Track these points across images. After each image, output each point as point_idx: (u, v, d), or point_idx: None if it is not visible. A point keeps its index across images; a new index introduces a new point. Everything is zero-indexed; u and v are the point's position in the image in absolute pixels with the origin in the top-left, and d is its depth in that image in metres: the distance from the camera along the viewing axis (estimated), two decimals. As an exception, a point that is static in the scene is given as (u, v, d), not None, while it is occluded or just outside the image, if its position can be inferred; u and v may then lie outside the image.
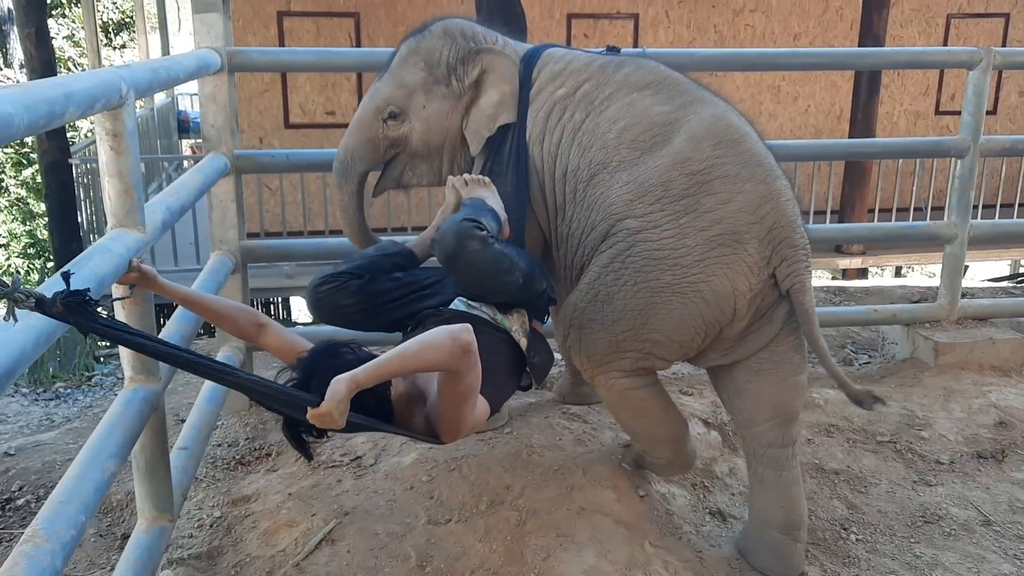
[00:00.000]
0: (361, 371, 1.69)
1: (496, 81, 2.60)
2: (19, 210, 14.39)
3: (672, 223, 2.31)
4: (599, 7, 9.19)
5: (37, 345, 1.37)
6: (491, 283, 2.16)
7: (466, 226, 2.11)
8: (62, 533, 1.44)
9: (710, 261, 2.28)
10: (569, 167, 2.49)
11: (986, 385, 3.57)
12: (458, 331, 1.74)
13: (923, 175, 8.22)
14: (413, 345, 1.74)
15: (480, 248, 2.09)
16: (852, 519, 2.83)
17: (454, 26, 2.67)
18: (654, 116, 2.42)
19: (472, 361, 1.76)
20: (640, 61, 2.63)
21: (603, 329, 2.41)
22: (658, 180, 2.34)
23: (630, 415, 2.58)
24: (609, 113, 2.47)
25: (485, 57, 2.61)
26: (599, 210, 2.42)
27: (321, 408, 1.64)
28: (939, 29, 9.82)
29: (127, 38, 17.20)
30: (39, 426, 3.73)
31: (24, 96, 1.36)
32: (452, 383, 1.81)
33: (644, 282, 2.33)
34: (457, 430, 1.94)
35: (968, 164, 3.71)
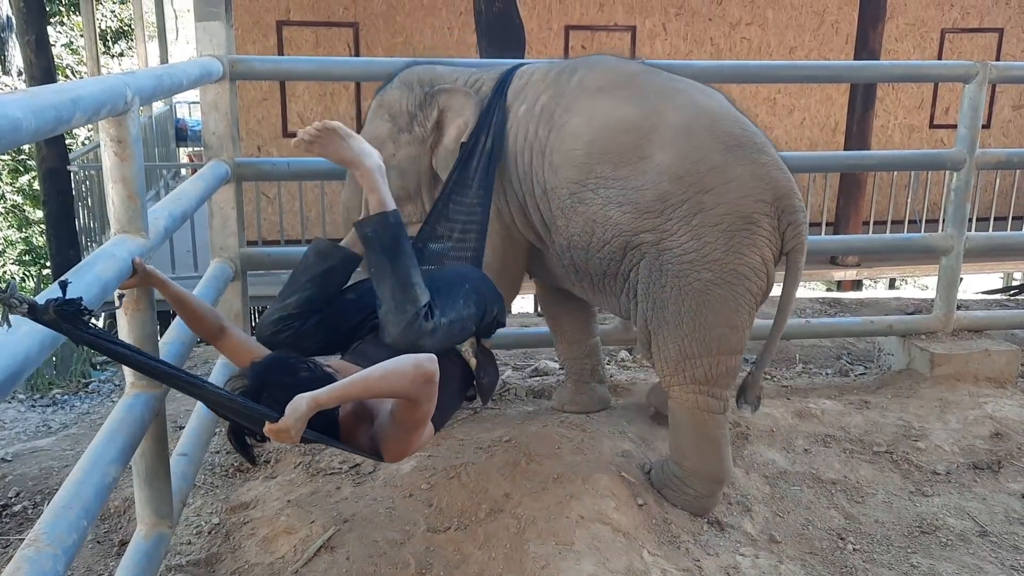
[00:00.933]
0: (324, 392, 1.72)
1: (453, 117, 2.72)
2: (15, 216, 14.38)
3: (685, 228, 2.42)
4: (597, 19, 9.24)
5: (42, 349, 1.38)
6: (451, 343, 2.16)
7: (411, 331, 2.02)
8: (64, 538, 1.44)
9: (735, 245, 2.43)
10: (548, 185, 2.59)
11: (982, 396, 3.58)
12: (423, 360, 1.78)
13: (917, 188, 8.27)
14: (377, 371, 1.77)
15: (432, 341, 2.03)
16: (849, 529, 2.84)
17: (411, 75, 2.83)
18: (617, 124, 2.48)
19: (433, 391, 1.81)
20: (592, 61, 2.71)
21: (670, 334, 2.54)
22: (653, 196, 2.43)
23: (691, 438, 2.66)
24: (571, 128, 2.54)
25: (440, 98, 2.74)
26: (604, 227, 2.51)
27: (279, 424, 1.67)
28: (933, 43, 9.90)
29: (125, 46, 17.22)
30: (36, 432, 3.73)
31: (32, 101, 1.37)
32: (410, 410, 1.84)
33: (687, 285, 2.46)
34: (403, 452, 1.97)
35: (964, 177, 3.74)
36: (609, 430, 3.02)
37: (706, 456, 2.66)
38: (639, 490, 2.73)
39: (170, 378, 1.75)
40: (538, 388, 3.57)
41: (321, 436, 1.84)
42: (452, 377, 2.13)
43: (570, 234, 2.58)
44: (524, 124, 2.63)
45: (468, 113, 2.68)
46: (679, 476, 2.72)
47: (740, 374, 2.77)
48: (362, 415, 1.98)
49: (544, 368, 3.87)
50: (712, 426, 2.63)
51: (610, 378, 3.68)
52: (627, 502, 2.65)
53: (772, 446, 3.19)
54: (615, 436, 2.99)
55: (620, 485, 2.70)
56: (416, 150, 2.78)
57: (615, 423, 3.10)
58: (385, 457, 1.96)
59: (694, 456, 2.67)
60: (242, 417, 1.79)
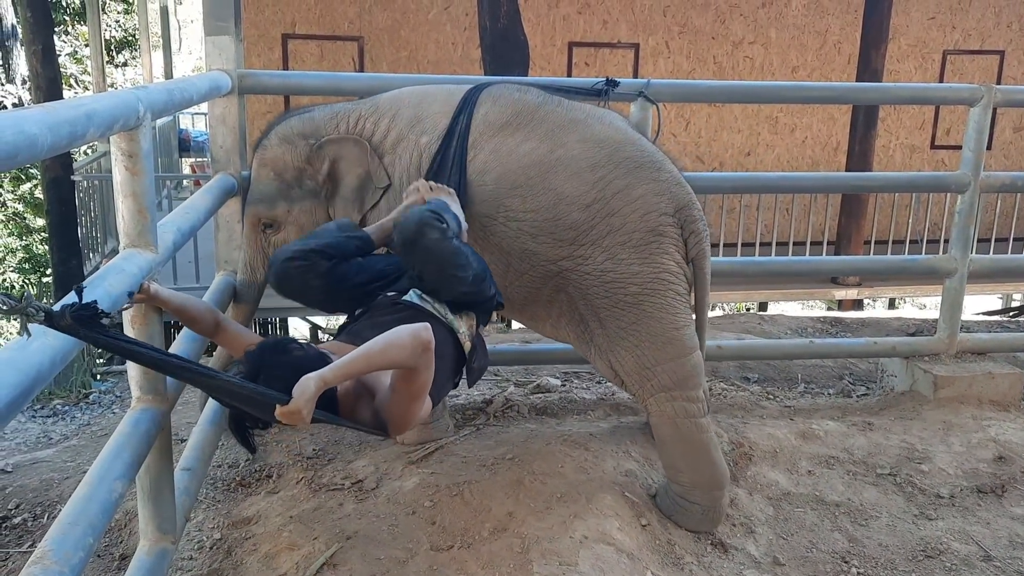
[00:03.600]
0: (328, 370, 1.76)
1: (349, 167, 2.73)
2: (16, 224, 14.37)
3: (599, 250, 2.57)
4: (600, 36, 9.28)
5: (53, 365, 1.37)
6: (445, 275, 2.21)
7: (429, 216, 2.19)
8: (71, 555, 1.43)
9: (648, 256, 2.58)
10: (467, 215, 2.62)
11: (985, 419, 3.57)
12: (419, 329, 1.84)
13: (919, 208, 8.28)
14: (377, 344, 1.82)
15: (439, 238, 2.17)
16: (853, 552, 2.83)
17: (290, 129, 2.78)
18: (524, 159, 2.58)
19: (430, 359, 1.86)
20: (496, 93, 2.73)
21: (622, 348, 2.66)
22: (566, 226, 2.57)
23: (680, 449, 2.70)
24: (478, 164, 2.61)
25: (328, 149, 2.73)
26: (520, 258, 2.63)
27: (290, 405, 1.70)
28: (935, 65, 9.94)
29: (129, 56, 17.28)
30: (37, 443, 3.71)
31: (48, 117, 1.37)
32: (409, 379, 1.88)
33: (620, 301, 2.60)
34: (406, 424, 2.00)
35: (968, 200, 3.74)
36: (612, 449, 3.01)
37: (699, 464, 2.69)
38: (643, 510, 2.72)
39: (181, 370, 1.77)
40: (540, 405, 3.56)
41: (328, 415, 1.88)
42: (444, 352, 2.14)
43: (493, 262, 2.65)
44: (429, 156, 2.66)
45: (363, 163, 2.71)
46: (681, 494, 2.73)
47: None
48: (361, 392, 2.02)
49: (546, 385, 3.87)
50: (696, 431, 2.68)
51: (611, 396, 3.68)
52: (631, 522, 2.64)
53: (775, 467, 3.18)
54: (618, 455, 2.98)
55: (624, 505, 2.69)
56: (310, 204, 2.78)
57: (618, 442, 3.09)
58: (390, 430, 2.00)
59: (688, 468, 2.70)
60: (252, 405, 1.81)
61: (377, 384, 2.02)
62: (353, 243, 2.39)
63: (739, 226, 7.75)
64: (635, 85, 3.23)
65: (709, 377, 4.27)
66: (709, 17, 9.43)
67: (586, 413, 3.51)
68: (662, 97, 3.26)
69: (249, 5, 8.53)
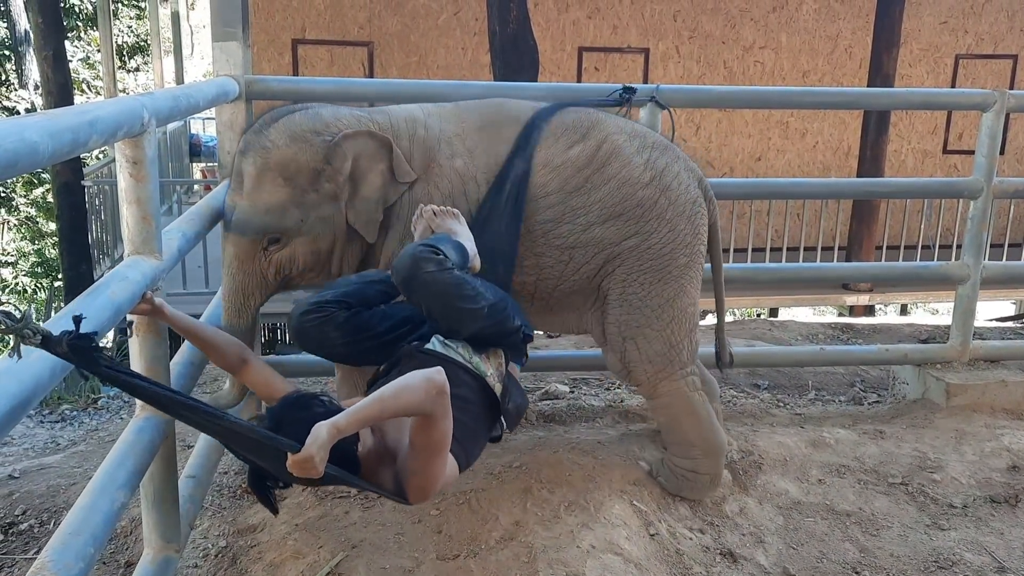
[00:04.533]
0: (342, 417, 1.68)
1: (371, 164, 2.48)
2: (28, 229, 14.47)
3: (663, 223, 2.67)
4: (610, 41, 9.27)
5: (53, 375, 1.36)
6: (453, 310, 2.09)
7: (422, 250, 2.08)
8: (71, 566, 1.42)
9: (696, 228, 2.73)
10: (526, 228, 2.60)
11: (998, 428, 3.53)
12: (431, 373, 1.74)
13: (931, 213, 8.23)
14: (389, 389, 1.74)
15: (436, 271, 2.05)
16: (864, 562, 2.79)
17: (299, 126, 2.46)
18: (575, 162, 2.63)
19: (446, 404, 1.76)
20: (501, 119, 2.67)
21: (653, 330, 2.70)
22: (633, 204, 2.64)
23: (691, 422, 2.80)
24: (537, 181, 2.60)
25: (347, 145, 2.46)
26: (585, 249, 2.65)
27: (302, 454, 1.62)
28: (947, 69, 9.89)
29: (141, 61, 17.37)
30: (44, 449, 3.71)
31: (49, 124, 1.37)
32: (426, 430, 1.78)
33: (668, 274, 2.68)
34: (426, 487, 1.89)
35: (981, 205, 3.70)
36: (620, 457, 2.99)
37: (709, 434, 2.82)
38: (651, 519, 2.70)
39: (188, 410, 1.68)
40: (548, 412, 3.53)
41: (343, 472, 1.78)
42: (469, 402, 2.06)
43: (540, 268, 2.64)
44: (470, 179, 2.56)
45: (387, 158, 2.49)
46: (693, 468, 2.84)
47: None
48: (383, 454, 1.93)
49: (554, 392, 3.85)
50: (702, 403, 2.81)
51: (620, 403, 3.65)
52: (639, 532, 2.61)
53: (785, 476, 3.15)
54: (626, 464, 2.95)
55: (632, 514, 2.67)
56: (329, 209, 2.47)
57: (626, 450, 3.07)
58: (408, 496, 1.89)
59: (700, 440, 2.81)
60: (262, 454, 1.72)
61: (399, 446, 1.93)
62: (374, 289, 2.27)
63: (749, 231, 7.72)
64: (645, 91, 3.22)
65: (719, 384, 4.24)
66: (719, 22, 9.41)
67: (594, 420, 3.48)
68: (672, 102, 3.25)
69: (259, 11, 8.56)
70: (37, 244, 14.25)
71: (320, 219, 2.47)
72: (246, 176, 2.44)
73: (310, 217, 2.46)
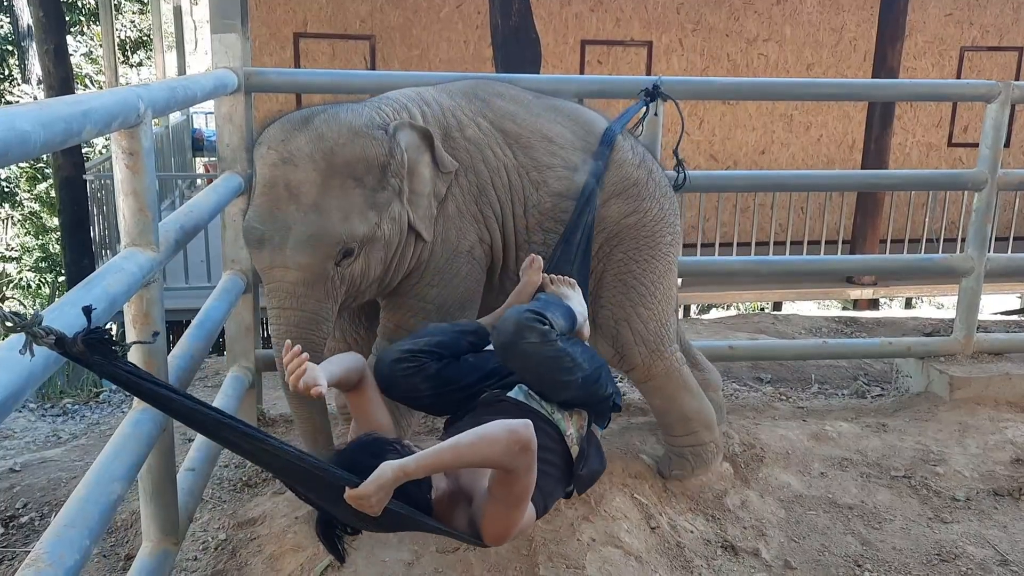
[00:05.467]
0: (412, 460, 1.60)
1: (417, 156, 2.34)
2: (32, 224, 14.49)
3: (654, 202, 2.75)
4: (613, 34, 9.24)
5: (46, 366, 1.35)
6: (548, 380, 2.02)
7: (528, 317, 1.96)
8: (66, 558, 1.41)
9: (675, 207, 2.86)
10: (529, 202, 2.59)
11: (1002, 421, 3.51)
12: (517, 427, 1.64)
13: (935, 206, 8.20)
14: (468, 437, 1.65)
15: (539, 342, 1.94)
16: (866, 556, 2.78)
17: (353, 121, 2.26)
18: (574, 140, 2.67)
19: (530, 460, 1.66)
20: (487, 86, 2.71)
21: (647, 309, 2.73)
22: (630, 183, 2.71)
23: (687, 399, 2.86)
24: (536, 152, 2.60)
25: (400, 137, 2.31)
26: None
27: (360, 489, 1.55)
28: (952, 61, 9.85)
29: (144, 56, 17.38)
30: (45, 442, 3.71)
31: (41, 114, 1.35)
32: (506, 483, 1.70)
33: (657, 250, 2.75)
34: (504, 534, 1.81)
35: (985, 198, 3.68)
36: (621, 451, 2.98)
37: (701, 404, 2.90)
38: (652, 512, 2.69)
39: (222, 428, 1.55)
40: (550, 406, 3.53)
41: (411, 510, 1.70)
42: (550, 451, 1.98)
43: (547, 244, 2.61)
44: (485, 147, 2.54)
45: (428, 147, 2.37)
46: (696, 443, 2.89)
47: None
48: (458, 497, 1.86)
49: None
50: (691, 375, 2.90)
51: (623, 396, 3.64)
52: (639, 525, 2.60)
53: (787, 469, 3.14)
54: (628, 457, 2.94)
55: (632, 507, 2.66)
56: (398, 208, 2.30)
57: (627, 443, 3.06)
58: (484, 538, 1.81)
59: (696, 412, 2.87)
60: (313, 485, 1.64)
61: (475, 488, 1.84)
62: (466, 340, 2.19)
63: (753, 225, 7.70)
64: (647, 83, 3.20)
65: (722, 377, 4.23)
66: (723, 14, 9.37)
67: (596, 414, 3.47)
68: (675, 95, 3.23)
69: (260, 4, 8.55)
70: (41, 239, 14.27)
71: (391, 220, 2.28)
72: (303, 185, 2.15)
73: (383, 219, 2.25)
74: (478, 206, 2.50)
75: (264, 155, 2.22)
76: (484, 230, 2.53)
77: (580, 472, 2.06)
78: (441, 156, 2.39)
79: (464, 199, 2.48)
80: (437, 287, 2.46)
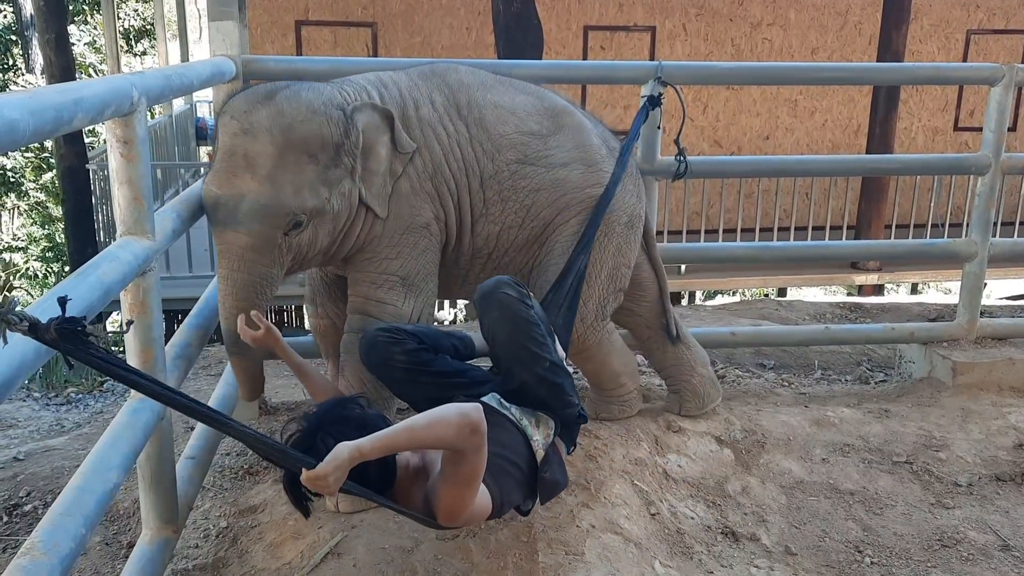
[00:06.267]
0: (367, 441, 1.65)
1: (376, 135, 2.43)
2: (38, 214, 14.52)
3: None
4: (616, 19, 9.19)
5: (38, 356, 1.35)
6: (517, 345, 2.10)
7: (510, 279, 2.14)
8: (60, 547, 1.41)
9: (639, 191, 2.92)
10: (485, 174, 2.62)
11: (1005, 406, 3.50)
12: (468, 409, 1.71)
13: (941, 191, 8.15)
14: (422, 419, 1.71)
15: (515, 297, 2.09)
16: (867, 541, 2.78)
17: (313, 99, 2.33)
18: (527, 107, 2.71)
19: (478, 442, 1.72)
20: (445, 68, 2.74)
21: (589, 286, 2.76)
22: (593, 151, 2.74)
23: (617, 356, 3.01)
24: (490, 118, 2.64)
25: (358, 117, 2.39)
26: (551, 191, 2.69)
27: (317, 471, 1.60)
28: (959, 45, 9.77)
29: (148, 45, 17.35)
30: (49, 431, 3.73)
31: (30, 102, 1.35)
32: (456, 462, 1.76)
33: (612, 231, 2.78)
34: (454, 513, 1.86)
35: (989, 182, 3.66)
36: (622, 437, 2.97)
37: (627, 358, 3.06)
38: (652, 499, 2.69)
39: (190, 411, 1.62)
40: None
41: (367, 492, 1.77)
42: (510, 448, 2.03)
43: (505, 216, 2.66)
44: (438, 124, 2.59)
45: (387, 128, 2.45)
46: (624, 394, 3.07)
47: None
48: (419, 471, 1.92)
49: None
50: (616, 336, 3.01)
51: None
52: (639, 511, 2.60)
53: (789, 455, 3.13)
54: (628, 443, 2.94)
55: (632, 494, 2.65)
56: (349, 185, 2.39)
57: (629, 430, 3.06)
58: (437, 516, 1.87)
59: (624, 368, 3.04)
60: (274, 459, 1.72)
61: (433, 467, 1.91)
62: (449, 341, 2.29)
63: (757, 211, 7.67)
64: (648, 68, 3.18)
65: (724, 363, 4.22)
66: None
67: (597, 400, 3.47)
68: (676, 80, 3.21)
69: (262, -8, 8.52)
70: (47, 229, 14.30)
71: (341, 196, 2.38)
72: (259, 157, 2.25)
73: (333, 194, 2.35)
74: (433, 184, 2.57)
75: (227, 124, 2.31)
76: (439, 208, 2.60)
77: (544, 475, 2.11)
78: (400, 137, 2.48)
79: (419, 177, 2.55)
80: (397, 260, 2.54)
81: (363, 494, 1.79)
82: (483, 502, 1.89)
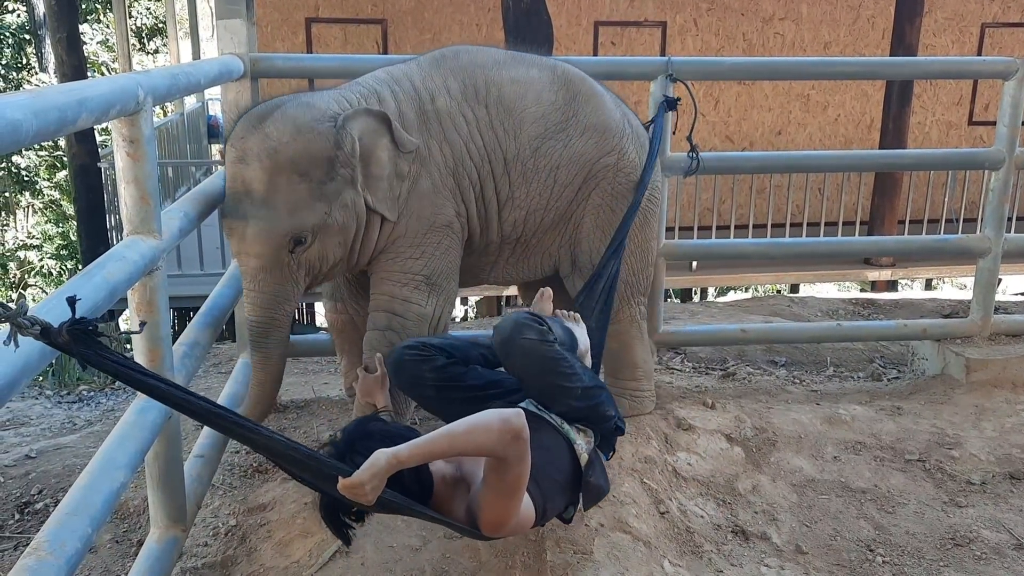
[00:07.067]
0: (405, 448, 1.61)
1: (374, 140, 2.43)
2: (53, 212, 14.61)
3: (631, 143, 2.82)
4: (627, 15, 9.15)
5: (43, 356, 1.35)
6: (547, 385, 2.05)
7: (524, 316, 2.04)
8: (67, 546, 1.41)
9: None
10: (509, 155, 2.64)
11: (1019, 403, 3.46)
12: (510, 415, 1.64)
13: (955, 186, 8.08)
14: (461, 425, 1.66)
15: (536, 339, 2.00)
16: (879, 540, 2.76)
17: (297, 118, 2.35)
18: (540, 81, 2.71)
19: (522, 449, 1.66)
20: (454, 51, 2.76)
21: (633, 256, 2.89)
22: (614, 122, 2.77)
23: (641, 348, 3.06)
24: (507, 96, 2.64)
25: (351, 125, 2.39)
26: (569, 165, 2.71)
27: (353, 479, 1.56)
28: (973, 38, 9.67)
29: (160, 43, 17.41)
30: (61, 429, 3.75)
31: (34, 102, 1.35)
32: (498, 471, 1.70)
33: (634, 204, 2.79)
34: (499, 524, 1.80)
35: (1003, 177, 3.62)
36: (631, 435, 2.96)
37: (647, 356, 3.10)
38: (661, 497, 2.68)
39: (212, 417, 1.55)
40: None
41: (408, 501, 1.72)
42: (553, 453, 1.99)
43: (529, 199, 2.69)
44: (456, 113, 2.59)
45: (383, 130, 2.44)
46: (639, 388, 3.07)
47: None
48: (458, 481, 1.87)
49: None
50: (645, 330, 3.08)
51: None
52: (648, 510, 2.59)
53: (800, 453, 3.11)
54: (637, 441, 2.93)
55: (642, 492, 2.64)
56: (350, 195, 2.41)
57: (638, 428, 3.04)
58: (481, 527, 1.81)
59: (643, 362, 3.06)
60: (308, 473, 1.65)
61: (474, 477, 1.85)
62: (477, 351, 2.23)
63: (769, 206, 7.62)
64: (658, 63, 3.17)
65: (736, 361, 4.20)
66: (738, -7, 9.25)
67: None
68: (685, 75, 3.19)
69: (272, -11, 8.53)
70: (61, 227, 14.38)
71: (343, 207, 2.40)
72: (253, 183, 2.31)
73: (334, 207, 2.38)
74: (455, 179, 2.59)
75: (228, 152, 2.41)
76: (461, 204, 2.61)
77: (588, 479, 2.06)
78: (400, 137, 2.47)
79: (441, 174, 2.56)
80: (421, 259, 2.56)
81: (404, 503, 1.73)
82: (527, 511, 1.84)
